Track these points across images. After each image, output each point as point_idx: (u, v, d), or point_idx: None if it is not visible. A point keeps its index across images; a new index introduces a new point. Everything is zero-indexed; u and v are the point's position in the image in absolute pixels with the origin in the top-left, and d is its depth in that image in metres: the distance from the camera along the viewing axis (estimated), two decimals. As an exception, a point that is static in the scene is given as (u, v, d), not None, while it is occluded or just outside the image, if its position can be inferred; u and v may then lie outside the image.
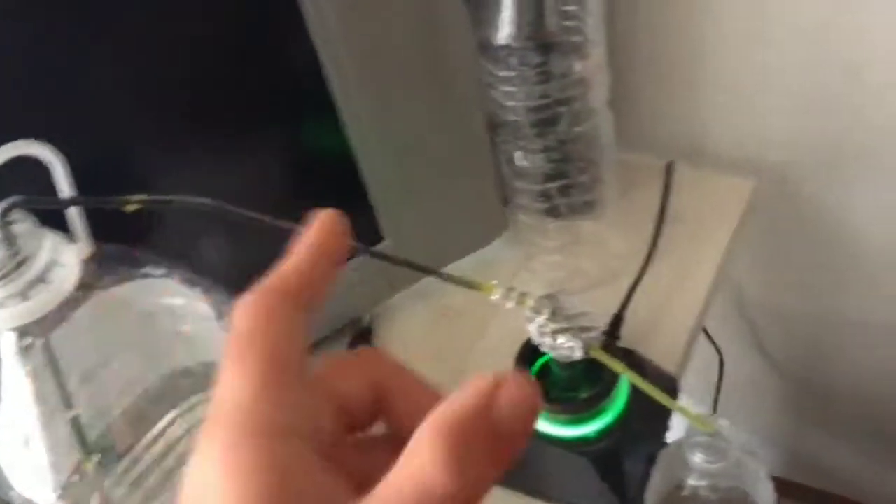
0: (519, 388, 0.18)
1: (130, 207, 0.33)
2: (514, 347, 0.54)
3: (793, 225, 0.78)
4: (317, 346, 0.65)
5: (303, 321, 0.21)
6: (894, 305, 0.80)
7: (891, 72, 0.63)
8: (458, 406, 0.18)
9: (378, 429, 0.23)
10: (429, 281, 0.71)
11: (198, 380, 0.43)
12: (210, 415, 0.19)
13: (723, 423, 0.50)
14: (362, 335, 0.67)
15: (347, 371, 0.22)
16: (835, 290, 0.83)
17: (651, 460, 0.54)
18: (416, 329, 0.69)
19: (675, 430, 0.55)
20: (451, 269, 0.66)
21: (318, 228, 0.23)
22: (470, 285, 0.46)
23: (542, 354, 0.53)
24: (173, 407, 0.42)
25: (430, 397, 0.22)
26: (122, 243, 0.41)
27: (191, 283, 0.42)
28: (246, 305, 0.20)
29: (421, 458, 0.17)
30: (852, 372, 0.91)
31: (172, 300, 0.42)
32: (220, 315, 0.43)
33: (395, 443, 0.20)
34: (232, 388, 0.19)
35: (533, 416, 0.18)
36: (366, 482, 0.18)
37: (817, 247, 0.79)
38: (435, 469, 0.17)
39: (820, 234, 0.77)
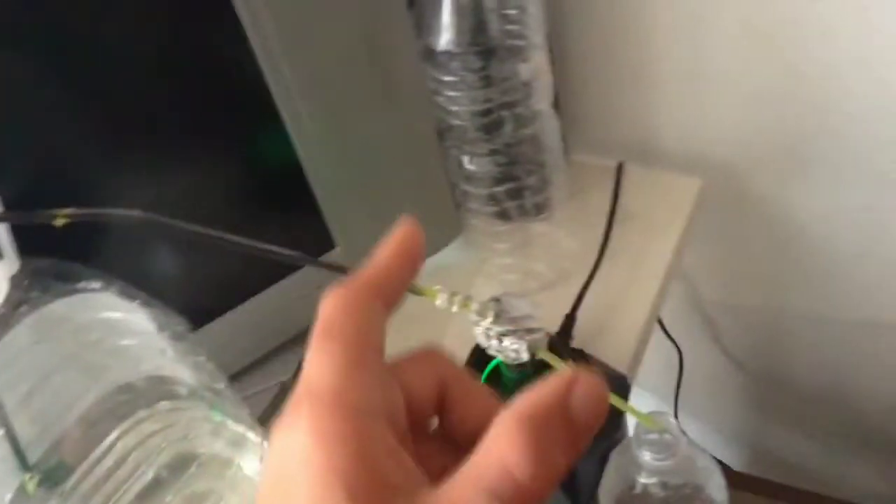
0: (591, 383, 0.20)
1: (59, 221, 0.33)
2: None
3: (743, 221, 0.79)
4: (270, 356, 0.65)
5: (383, 314, 0.23)
6: (847, 297, 0.81)
7: (835, 70, 0.64)
8: (536, 398, 0.20)
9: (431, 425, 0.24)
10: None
11: (142, 395, 0.43)
12: (297, 392, 0.20)
13: (671, 421, 0.50)
14: (317, 343, 0.67)
15: (416, 366, 0.24)
16: (787, 284, 0.84)
17: (603, 460, 0.54)
18: (372, 336, 0.69)
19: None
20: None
21: (401, 233, 0.25)
22: (413, 291, 0.46)
23: (492, 358, 0.53)
24: (120, 422, 0.41)
25: (488, 400, 0.24)
26: (64, 259, 0.41)
27: (128, 297, 0.41)
28: (334, 295, 0.22)
29: (502, 443, 0.19)
30: (809, 365, 0.92)
31: (111, 314, 0.42)
32: (161, 328, 0.43)
33: (445, 442, 0.23)
34: (319, 368, 0.20)
35: (604, 409, 0.20)
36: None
37: (767, 242, 0.80)
38: (515, 454, 0.18)
39: (769, 229, 0.79)
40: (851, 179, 0.70)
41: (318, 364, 0.21)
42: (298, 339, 0.66)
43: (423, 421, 0.24)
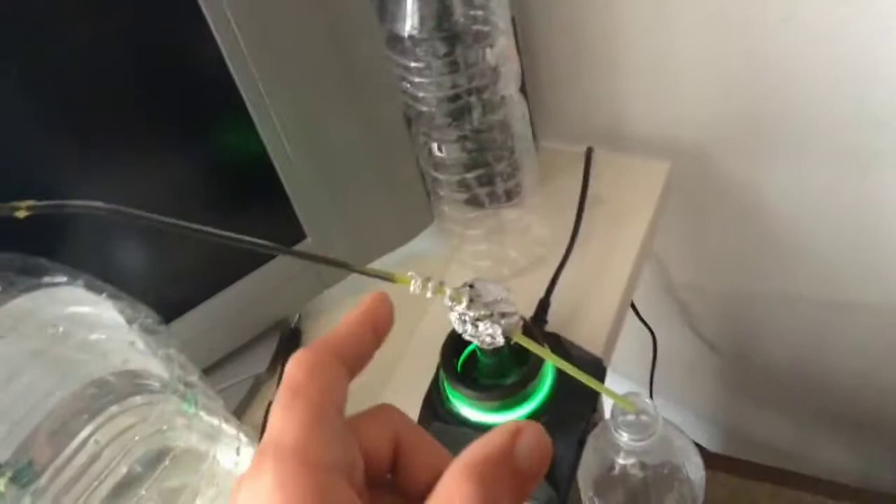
0: (535, 434, 0.22)
1: (21, 214, 0.32)
2: (445, 339, 0.54)
3: (712, 203, 0.80)
4: (244, 348, 0.64)
5: (345, 378, 0.24)
6: (815, 277, 0.82)
7: (795, 51, 0.65)
8: (484, 448, 0.21)
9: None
10: (358, 277, 0.70)
11: (114, 390, 0.42)
12: (263, 446, 0.22)
13: (647, 401, 0.50)
14: (291, 336, 0.66)
15: (372, 422, 0.25)
16: (757, 265, 0.85)
17: (581, 443, 0.54)
18: (346, 327, 0.69)
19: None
20: (379, 263, 0.66)
21: (370, 302, 0.26)
22: (386, 278, 0.46)
23: (468, 343, 0.53)
24: (93, 418, 0.41)
25: (440, 455, 0.26)
26: (28, 253, 0.40)
27: (96, 290, 0.41)
28: (301, 357, 0.24)
29: (452, 490, 0.20)
30: (780, 345, 0.93)
31: (78, 309, 0.41)
32: (130, 320, 0.42)
33: (399, 496, 0.25)
34: (283, 423, 0.22)
35: (547, 459, 0.22)
36: None
37: (737, 223, 0.81)
38: (464, 500, 0.20)
39: (739, 211, 0.79)
40: (817, 159, 0.71)
41: (283, 419, 0.22)
42: (272, 332, 0.66)
43: (379, 476, 0.25)
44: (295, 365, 0.23)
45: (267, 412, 0.61)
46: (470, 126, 0.55)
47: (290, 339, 0.66)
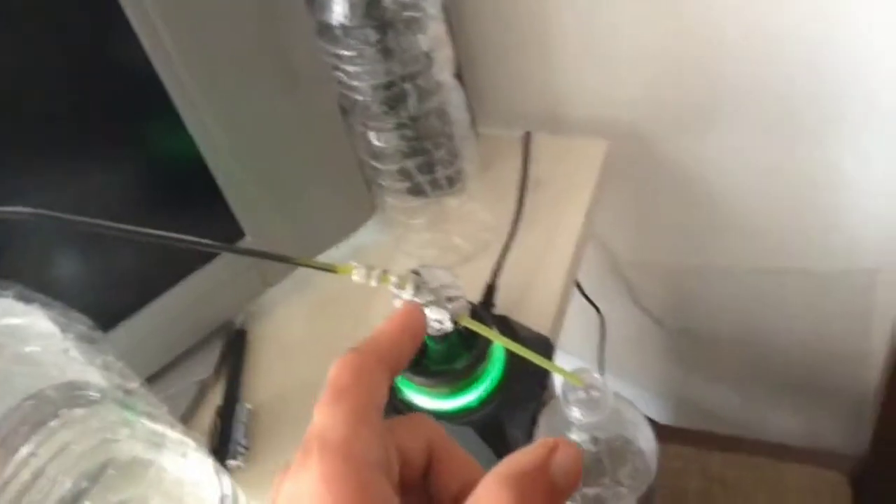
0: (571, 451, 0.22)
1: (-62, 223, 0.31)
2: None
3: (651, 180, 0.81)
4: (189, 353, 0.63)
5: (387, 381, 0.25)
6: (753, 247, 0.84)
7: (733, 26, 0.66)
8: (521, 460, 0.22)
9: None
10: (301, 274, 0.70)
11: (52, 402, 0.41)
12: (307, 442, 0.23)
13: (596, 376, 0.51)
14: (236, 338, 0.65)
15: (408, 428, 0.26)
16: (697, 238, 0.86)
17: (533, 422, 0.55)
18: (293, 324, 0.68)
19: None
20: (322, 258, 0.65)
21: (406, 310, 0.29)
22: (328, 269, 0.45)
23: (417, 332, 0.52)
24: (32, 433, 0.39)
25: (471, 465, 0.26)
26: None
27: (27, 300, 0.39)
28: (347, 359, 0.25)
29: (490, 497, 0.21)
30: (724, 315, 0.95)
31: (11, 320, 0.39)
32: (64, 330, 0.41)
33: (431, 501, 0.26)
34: (327, 423, 0.23)
35: (579, 475, 0.22)
36: None
37: (675, 198, 0.82)
38: None
39: (677, 186, 0.81)
40: (750, 132, 0.72)
41: (328, 417, 0.23)
42: (216, 335, 0.64)
43: (411, 481, 0.26)
44: (341, 366, 0.25)
45: (216, 416, 0.60)
46: (406, 113, 0.54)
47: (235, 342, 0.64)
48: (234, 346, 0.64)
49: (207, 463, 0.48)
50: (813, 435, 1.05)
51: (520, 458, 0.22)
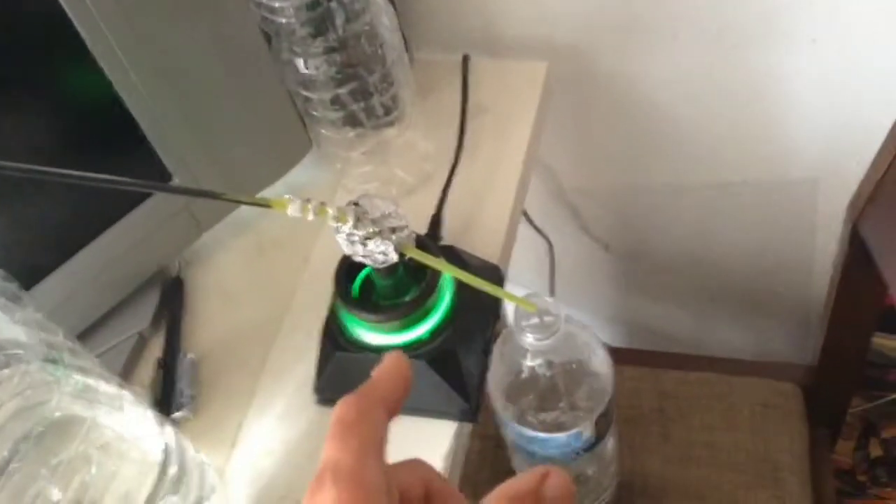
0: (561, 478, 0.25)
1: None
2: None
3: (593, 101, 0.80)
4: (123, 305, 0.60)
5: (387, 422, 0.27)
6: (698, 163, 0.83)
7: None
8: (516, 484, 0.25)
9: None
10: (238, 216, 0.67)
11: None
12: (321, 472, 0.25)
13: (547, 300, 0.50)
14: (173, 287, 0.62)
15: (407, 468, 0.29)
16: (642, 158, 0.85)
17: (487, 352, 0.54)
18: (233, 269, 0.65)
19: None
20: (260, 196, 0.62)
21: (391, 358, 0.30)
22: (261, 203, 0.42)
23: (363, 267, 0.50)
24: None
25: (463, 502, 0.29)
26: None
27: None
28: (350, 400, 0.27)
29: None
30: (671, 235, 0.95)
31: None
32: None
33: None
34: (338, 455, 0.25)
35: (571, 501, 0.25)
36: None
37: (619, 119, 0.81)
38: None
39: (619, 105, 0.79)
40: (691, 43, 0.71)
41: (338, 450, 0.25)
42: (151, 284, 0.61)
43: None
44: (345, 406, 0.27)
45: (158, 368, 0.57)
46: (335, 36, 0.51)
47: (171, 290, 0.62)
48: (171, 295, 0.61)
49: (147, 415, 0.45)
50: (763, 348, 1.07)
51: (514, 483, 0.25)
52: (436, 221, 0.61)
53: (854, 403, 0.99)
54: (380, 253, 0.44)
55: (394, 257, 0.44)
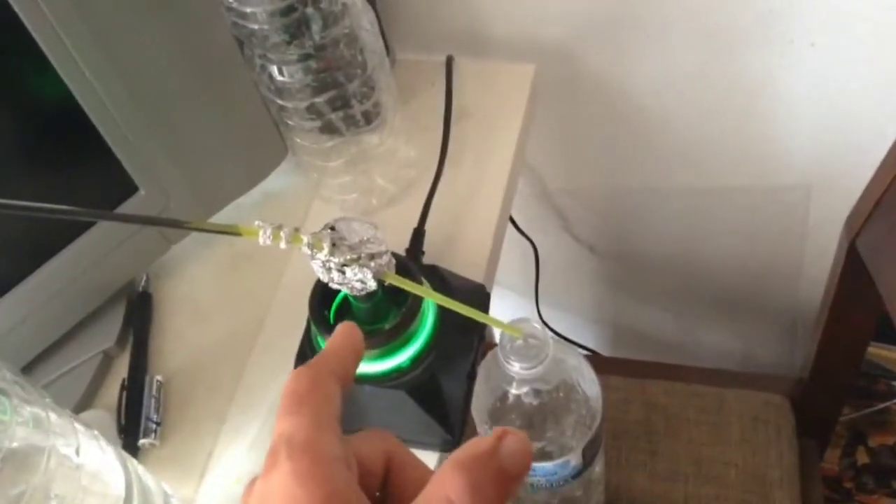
0: (517, 437, 0.24)
1: None
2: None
3: (581, 102, 0.77)
4: (88, 321, 0.57)
5: (339, 393, 0.27)
6: (686, 165, 0.81)
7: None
8: (471, 448, 0.24)
9: None
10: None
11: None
12: (274, 446, 0.24)
13: (535, 326, 0.47)
14: (140, 301, 0.59)
15: (367, 440, 0.28)
16: (630, 160, 0.83)
17: (471, 377, 0.51)
18: (204, 283, 0.62)
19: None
20: (233, 207, 0.59)
21: (341, 329, 0.30)
22: (229, 232, 0.39)
23: (338, 292, 0.47)
24: None
25: (428, 472, 0.28)
26: None
27: None
28: (301, 371, 0.26)
29: (445, 482, 0.23)
30: (657, 238, 0.93)
31: None
32: None
33: None
34: (291, 428, 0.24)
35: (528, 460, 0.24)
36: None
37: (607, 120, 0.78)
38: (456, 489, 0.22)
39: (607, 107, 0.76)
40: (681, 44, 0.68)
41: (291, 423, 0.25)
42: (117, 299, 0.58)
43: (370, 493, 0.27)
44: (296, 378, 0.26)
45: (121, 391, 0.54)
46: (311, 42, 0.48)
47: (138, 306, 0.58)
48: (138, 311, 0.58)
49: (106, 448, 0.43)
50: (749, 353, 1.05)
51: (470, 447, 0.24)
52: (417, 236, 0.58)
53: (843, 412, 0.98)
54: (358, 280, 0.41)
55: (372, 285, 0.41)
